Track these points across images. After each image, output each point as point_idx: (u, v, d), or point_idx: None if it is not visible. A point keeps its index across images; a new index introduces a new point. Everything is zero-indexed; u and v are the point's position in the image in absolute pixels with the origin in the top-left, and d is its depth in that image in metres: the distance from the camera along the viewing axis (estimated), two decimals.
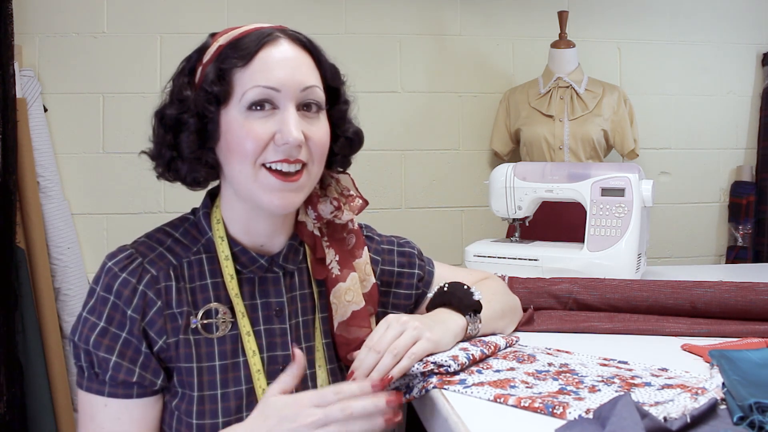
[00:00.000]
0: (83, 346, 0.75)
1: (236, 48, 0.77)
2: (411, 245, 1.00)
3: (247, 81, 0.76)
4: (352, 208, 0.88)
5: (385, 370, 0.76)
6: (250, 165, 0.76)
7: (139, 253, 0.79)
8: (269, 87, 0.76)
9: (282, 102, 0.77)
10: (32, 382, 1.92)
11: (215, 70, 0.77)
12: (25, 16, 2.14)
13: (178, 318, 0.78)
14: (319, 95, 0.80)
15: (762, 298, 1.04)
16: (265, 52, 0.77)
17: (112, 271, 0.77)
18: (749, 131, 2.62)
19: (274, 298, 0.84)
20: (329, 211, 0.86)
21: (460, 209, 2.46)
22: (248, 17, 2.26)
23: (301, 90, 0.77)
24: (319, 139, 0.80)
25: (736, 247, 2.53)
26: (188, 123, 0.78)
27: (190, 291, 0.79)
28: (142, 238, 0.82)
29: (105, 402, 0.75)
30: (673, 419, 0.58)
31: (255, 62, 0.76)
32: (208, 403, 0.77)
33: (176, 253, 0.81)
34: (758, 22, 2.60)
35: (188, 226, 0.85)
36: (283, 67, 0.77)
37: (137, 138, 2.24)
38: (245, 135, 0.76)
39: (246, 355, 0.80)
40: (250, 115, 0.76)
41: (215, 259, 0.82)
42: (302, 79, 0.78)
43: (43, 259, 2.00)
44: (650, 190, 1.37)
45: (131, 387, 0.75)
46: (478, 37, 2.46)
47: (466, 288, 0.90)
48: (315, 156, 0.80)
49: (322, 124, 0.81)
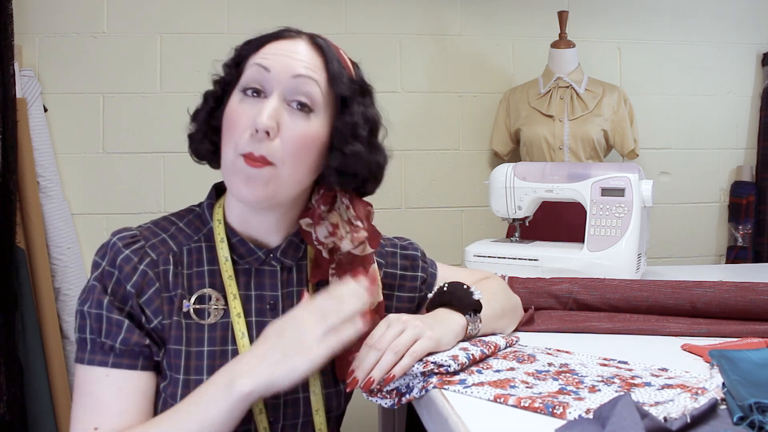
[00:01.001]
0: (94, 311, 0.76)
1: (257, 38, 0.82)
2: (414, 247, 1.00)
3: (249, 63, 0.80)
4: (354, 239, 0.83)
5: (386, 369, 0.75)
6: (232, 150, 0.77)
7: (143, 237, 0.81)
8: (261, 65, 0.77)
9: (270, 88, 0.77)
10: (32, 382, 1.92)
11: (234, 56, 0.83)
12: (25, 16, 2.14)
13: (173, 300, 0.79)
14: (312, 91, 0.78)
15: (762, 298, 1.04)
16: (277, 42, 0.80)
17: (117, 246, 0.79)
18: (749, 131, 2.62)
19: (269, 292, 0.84)
20: (323, 235, 0.83)
21: (460, 209, 2.46)
22: (248, 17, 2.26)
23: (291, 76, 0.77)
24: (294, 136, 0.76)
25: (736, 247, 2.53)
26: (208, 101, 0.83)
27: (187, 276, 0.81)
28: (148, 224, 0.84)
29: (107, 372, 0.75)
30: (673, 419, 0.58)
31: (264, 48, 0.80)
32: (194, 387, 0.76)
33: (178, 240, 0.83)
34: (758, 22, 2.60)
35: (192, 216, 0.87)
36: (283, 54, 0.78)
37: (137, 138, 2.26)
38: (232, 117, 0.78)
39: (236, 344, 0.80)
40: (244, 99, 0.78)
41: (214, 247, 0.83)
42: (296, 66, 0.77)
43: (43, 259, 2.00)
44: (650, 190, 1.37)
45: (137, 356, 0.76)
46: (478, 37, 2.46)
47: (466, 288, 0.90)
48: (286, 155, 0.76)
49: (307, 124, 0.78)
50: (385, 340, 0.77)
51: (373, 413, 1.36)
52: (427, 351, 0.78)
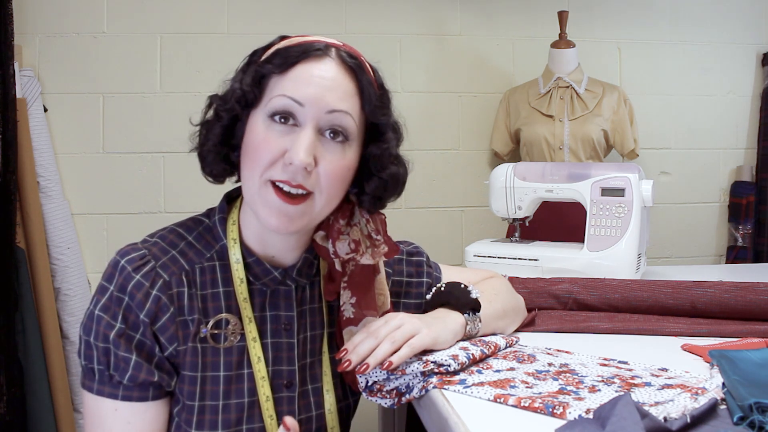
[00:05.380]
0: (100, 345, 0.73)
1: (281, 55, 0.75)
2: (420, 252, 0.98)
3: (277, 89, 0.74)
4: (374, 254, 0.82)
5: (382, 357, 0.75)
6: (258, 176, 0.74)
7: (152, 255, 0.77)
8: (294, 99, 0.73)
9: (304, 119, 0.73)
10: (32, 382, 1.92)
11: (254, 72, 0.76)
12: (25, 16, 2.14)
13: (189, 325, 0.76)
14: (347, 123, 0.75)
15: (762, 298, 1.04)
16: (305, 65, 0.74)
17: (126, 271, 0.75)
18: (749, 131, 2.62)
19: (284, 312, 0.82)
20: (345, 251, 0.80)
21: (460, 209, 2.46)
22: (248, 17, 2.26)
23: (326, 112, 0.73)
24: (332, 169, 0.74)
25: (736, 247, 2.53)
26: (221, 117, 0.77)
27: (201, 298, 0.78)
28: (155, 239, 0.80)
29: (115, 406, 0.74)
30: (673, 419, 0.58)
31: (291, 72, 0.74)
32: (209, 413, 0.76)
33: (189, 257, 0.79)
34: (758, 22, 2.60)
35: (202, 230, 0.82)
36: (315, 84, 0.73)
37: (137, 138, 2.26)
38: (260, 143, 0.74)
39: (251, 368, 0.78)
40: (271, 125, 0.74)
41: (228, 267, 0.80)
42: (331, 100, 0.73)
43: (43, 259, 2.00)
44: (650, 190, 1.37)
45: (147, 389, 0.74)
46: (478, 37, 2.46)
47: (464, 287, 0.89)
48: (323, 186, 0.74)
49: (343, 155, 0.76)
50: (383, 331, 0.77)
51: (373, 413, 1.36)
52: (425, 346, 0.78)
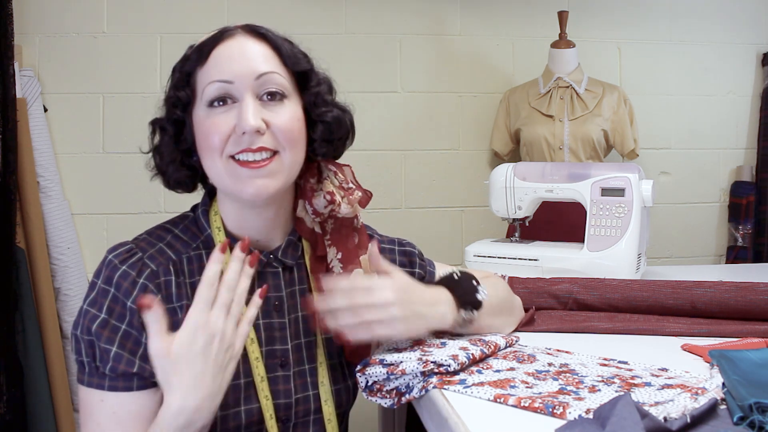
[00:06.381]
0: (85, 337, 0.75)
1: (197, 50, 0.81)
2: (412, 246, 1.00)
3: (204, 79, 0.79)
4: (350, 201, 0.86)
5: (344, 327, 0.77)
6: (218, 158, 0.78)
7: (140, 248, 0.80)
8: (223, 80, 0.77)
9: (239, 93, 0.78)
10: (32, 382, 1.92)
11: (180, 75, 0.81)
12: (25, 16, 2.14)
13: (178, 312, 0.78)
14: (278, 81, 0.80)
15: (762, 298, 1.04)
16: (220, 48, 0.79)
17: (113, 264, 0.77)
18: (749, 131, 2.62)
19: (273, 293, 0.84)
20: (323, 205, 0.85)
21: (460, 209, 2.46)
22: (248, 18, 2.24)
23: (255, 78, 0.78)
24: (284, 124, 0.79)
25: (736, 247, 2.53)
26: (166, 129, 0.83)
27: (190, 285, 0.80)
28: (143, 235, 0.84)
29: (102, 397, 0.75)
30: (673, 419, 0.58)
31: (211, 59, 0.79)
32: None
33: (176, 248, 0.82)
34: (758, 22, 2.59)
35: (188, 223, 0.86)
36: (235, 59, 0.78)
37: (137, 138, 2.23)
38: (208, 130, 0.78)
39: (245, 349, 0.79)
40: (212, 111, 0.78)
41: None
42: (255, 67, 0.78)
43: (43, 259, 2.00)
44: (650, 190, 1.37)
45: (131, 379, 0.75)
46: (478, 37, 2.46)
47: (476, 284, 0.89)
48: (284, 142, 0.79)
49: (288, 110, 0.80)
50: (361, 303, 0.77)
51: (373, 413, 1.36)
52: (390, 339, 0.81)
